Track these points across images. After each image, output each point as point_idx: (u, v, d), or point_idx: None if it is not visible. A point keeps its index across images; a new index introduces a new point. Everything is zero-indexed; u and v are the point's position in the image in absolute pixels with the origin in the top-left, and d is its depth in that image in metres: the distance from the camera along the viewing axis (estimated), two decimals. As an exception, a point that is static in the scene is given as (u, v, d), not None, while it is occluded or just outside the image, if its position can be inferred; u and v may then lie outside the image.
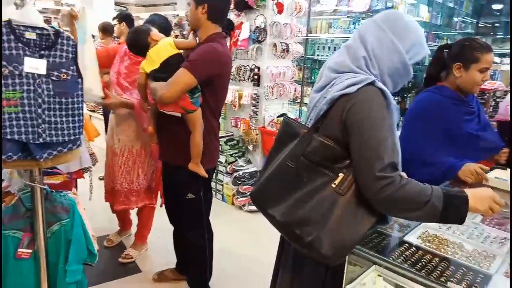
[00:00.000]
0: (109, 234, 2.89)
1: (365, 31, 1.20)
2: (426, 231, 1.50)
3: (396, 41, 1.16)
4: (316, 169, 1.12)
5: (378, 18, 1.22)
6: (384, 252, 1.33)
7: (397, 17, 1.21)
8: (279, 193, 1.16)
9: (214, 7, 1.84)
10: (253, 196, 1.26)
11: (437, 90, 1.86)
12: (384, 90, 1.11)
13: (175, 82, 1.74)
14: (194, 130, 1.84)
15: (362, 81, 1.09)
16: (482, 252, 1.37)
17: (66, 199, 1.48)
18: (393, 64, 1.18)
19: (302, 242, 1.11)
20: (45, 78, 1.26)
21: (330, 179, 1.11)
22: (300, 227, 1.10)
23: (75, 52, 1.33)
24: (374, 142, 1.05)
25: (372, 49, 1.17)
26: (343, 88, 1.10)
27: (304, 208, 1.11)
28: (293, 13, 3.67)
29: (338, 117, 1.11)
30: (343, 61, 1.19)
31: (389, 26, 1.18)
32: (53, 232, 1.46)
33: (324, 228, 1.08)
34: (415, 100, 1.99)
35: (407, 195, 1.04)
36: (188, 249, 2.11)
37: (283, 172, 1.17)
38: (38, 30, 1.26)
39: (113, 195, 2.56)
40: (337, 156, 1.11)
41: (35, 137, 1.26)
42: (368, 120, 1.06)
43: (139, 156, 2.49)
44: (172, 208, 2.17)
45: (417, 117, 1.85)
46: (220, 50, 1.83)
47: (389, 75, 1.19)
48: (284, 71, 3.76)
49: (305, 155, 1.13)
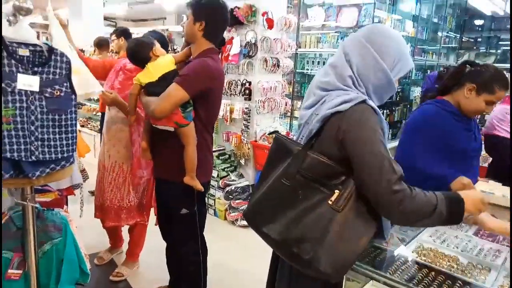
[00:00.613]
0: (100, 252, 2.83)
1: (349, 49, 1.20)
2: (421, 244, 1.51)
3: (379, 59, 1.17)
4: (311, 186, 1.12)
5: (361, 35, 1.21)
6: (380, 267, 1.33)
7: (380, 32, 1.21)
8: (274, 211, 1.16)
9: (211, 25, 1.85)
10: (247, 215, 1.25)
11: (439, 104, 1.86)
12: (375, 109, 1.13)
13: (167, 97, 1.74)
14: (188, 143, 1.84)
15: (354, 99, 1.10)
16: (477, 265, 1.38)
17: (58, 217, 1.45)
18: (379, 81, 1.19)
19: (300, 260, 1.10)
20: (38, 95, 1.25)
21: (326, 196, 1.11)
22: (298, 245, 1.10)
23: (68, 68, 1.32)
24: (381, 159, 1.07)
25: (358, 68, 1.17)
26: (335, 105, 1.11)
27: (300, 225, 1.10)
28: (283, 28, 3.73)
29: (334, 135, 1.12)
30: (330, 81, 1.19)
31: (372, 44, 1.17)
32: (44, 251, 1.42)
33: (322, 245, 1.07)
34: (416, 112, 1.97)
35: (419, 206, 1.08)
36: (181, 265, 2.08)
37: (278, 190, 1.16)
38: (31, 47, 1.24)
39: (103, 212, 2.52)
40: (332, 173, 1.12)
41: (28, 154, 1.23)
42: (370, 140, 1.08)
43: (129, 173, 2.46)
44: (166, 223, 2.14)
45: (417, 129, 1.85)
46: (211, 65, 1.83)
47: (374, 92, 1.20)
48: (275, 86, 3.79)
49: (300, 172, 1.13)
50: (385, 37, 1.20)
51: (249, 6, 3.53)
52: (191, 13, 1.86)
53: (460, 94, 1.83)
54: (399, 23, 5.51)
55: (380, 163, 1.07)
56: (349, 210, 1.10)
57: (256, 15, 3.58)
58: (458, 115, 1.84)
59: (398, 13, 5.54)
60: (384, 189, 1.06)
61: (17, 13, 1.19)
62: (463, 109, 1.83)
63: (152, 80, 1.82)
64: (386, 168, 1.06)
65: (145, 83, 1.84)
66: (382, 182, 1.06)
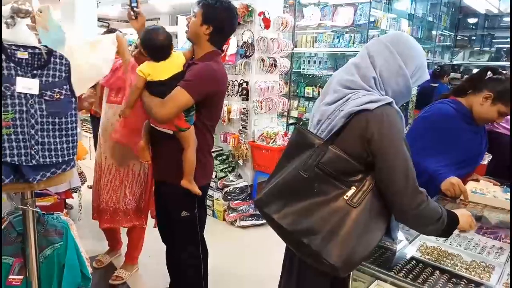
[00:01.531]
0: (98, 255, 2.80)
1: (374, 51, 1.22)
2: (424, 243, 1.51)
3: (403, 65, 1.19)
4: (328, 180, 1.13)
5: (387, 40, 1.23)
6: (385, 266, 1.33)
7: (405, 41, 1.24)
8: (288, 200, 1.16)
9: (219, 30, 1.80)
10: (258, 202, 1.25)
11: (453, 104, 1.86)
12: (400, 113, 1.16)
13: (172, 101, 1.70)
14: (187, 146, 1.81)
15: (380, 100, 1.12)
16: (480, 263, 1.38)
17: (59, 222, 1.43)
18: (399, 87, 1.21)
19: (308, 251, 1.11)
20: (37, 98, 1.23)
21: (342, 191, 1.12)
22: (308, 236, 1.11)
23: (68, 71, 1.30)
24: (408, 163, 1.12)
25: (381, 72, 1.19)
26: (362, 104, 1.12)
27: (312, 217, 1.11)
28: (279, 28, 3.72)
29: (359, 133, 1.13)
30: (354, 80, 1.20)
31: (397, 50, 1.20)
32: (45, 256, 1.40)
33: (335, 238, 1.09)
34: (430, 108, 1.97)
35: (431, 211, 1.16)
36: (182, 269, 2.05)
37: (294, 181, 1.17)
38: (30, 49, 1.23)
39: (99, 213, 2.49)
40: (351, 170, 1.13)
41: (28, 159, 1.21)
42: (398, 142, 1.12)
43: (126, 176, 2.43)
44: (165, 226, 2.12)
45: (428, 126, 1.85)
46: (216, 69, 1.81)
47: (392, 97, 1.20)
48: (272, 85, 3.78)
49: (319, 166, 1.14)
50: (410, 45, 1.23)
51: (246, 6, 3.52)
52: (200, 13, 1.79)
53: (475, 99, 1.83)
54: (394, 22, 5.53)
55: (407, 166, 1.12)
56: (364, 207, 1.12)
57: (252, 15, 3.57)
58: (469, 117, 1.84)
59: (393, 12, 5.56)
60: (409, 190, 1.11)
61: (16, 15, 1.17)
62: (475, 115, 1.83)
63: (163, 78, 1.74)
64: (411, 170, 1.12)
65: (154, 80, 1.74)
66: (409, 183, 1.11)
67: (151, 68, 1.75)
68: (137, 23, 1.83)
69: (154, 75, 1.74)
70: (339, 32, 5.36)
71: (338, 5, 5.14)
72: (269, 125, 3.87)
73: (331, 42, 5.38)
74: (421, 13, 6.55)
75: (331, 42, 5.38)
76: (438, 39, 7.55)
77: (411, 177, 1.12)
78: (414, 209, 1.12)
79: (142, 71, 1.75)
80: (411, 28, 6.03)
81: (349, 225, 1.09)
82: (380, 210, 1.14)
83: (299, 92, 6.07)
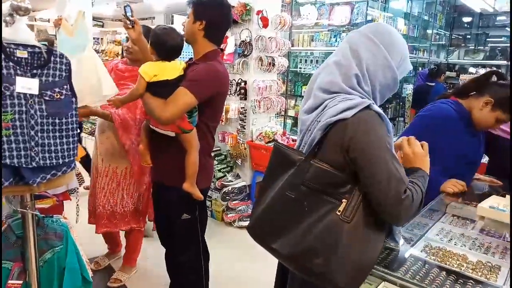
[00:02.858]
0: (97, 257, 2.77)
1: (357, 45, 1.16)
2: (429, 243, 1.50)
3: (389, 57, 1.14)
4: (318, 196, 1.09)
5: (369, 32, 1.18)
6: (391, 267, 1.31)
7: (387, 30, 1.19)
8: (281, 225, 1.12)
9: (212, 24, 1.78)
10: (252, 230, 1.22)
11: (453, 105, 1.85)
12: (381, 114, 1.10)
13: (176, 102, 1.66)
14: (191, 149, 1.78)
15: (357, 105, 1.07)
16: (486, 264, 1.37)
17: (58, 225, 1.40)
18: (386, 80, 1.16)
19: (313, 274, 1.08)
20: (37, 98, 1.20)
21: (333, 206, 1.08)
22: (309, 259, 1.07)
23: (68, 70, 1.27)
24: (389, 169, 1.05)
25: (367, 65, 1.14)
26: (338, 112, 1.07)
27: (310, 239, 1.07)
28: (277, 27, 3.70)
29: (338, 144, 1.08)
30: (333, 80, 1.15)
31: (381, 40, 1.15)
32: (45, 260, 1.37)
33: (335, 258, 1.05)
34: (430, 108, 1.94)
35: (417, 203, 1.10)
36: (183, 271, 2.02)
37: (282, 203, 1.13)
38: (30, 48, 1.19)
39: (95, 218, 2.46)
40: (338, 182, 1.09)
41: (28, 160, 1.18)
42: (377, 149, 1.05)
43: (123, 178, 2.39)
44: (165, 229, 2.07)
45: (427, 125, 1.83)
46: (219, 69, 1.79)
47: (380, 91, 1.18)
48: (271, 85, 3.76)
49: (305, 183, 1.09)
50: (392, 35, 1.18)
51: (244, 5, 3.50)
52: (191, 11, 1.79)
53: (475, 103, 1.81)
54: (391, 21, 5.53)
55: (388, 173, 1.05)
56: (358, 220, 1.07)
57: (250, 14, 3.54)
58: (469, 120, 1.83)
59: (390, 11, 5.57)
60: (392, 199, 1.05)
61: (15, 13, 1.14)
62: (474, 119, 1.82)
63: (171, 77, 1.70)
64: (394, 177, 1.05)
65: (159, 80, 1.68)
66: (391, 192, 1.04)
67: (159, 67, 1.70)
68: (133, 32, 1.82)
69: (162, 75, 1.69)
70: (336, 31, 5.36)
71: (335, 4, 5.14)
72: (267, 125, 3.85)
73: (328, 41, 5.37)
74: (417, 12, 6.57)
75: (328, 41, 5.37)
76: (433, 38, 7.58)
77: (394, 185, 1.04)
78: (403, 215, 1.07)
79: (147, 72, 1.68)
80: (407, 27, 6.05)
81: (346, 241, 1.05)
82: (375, 218, 1.10)
83: (296, 91, 6.06)
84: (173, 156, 1.81)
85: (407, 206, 1.06)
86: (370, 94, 1.16)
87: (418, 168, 1.23)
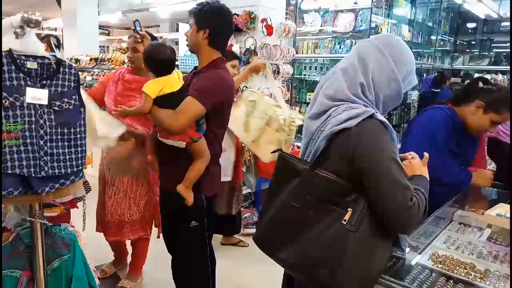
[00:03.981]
0: (103, 264, 2.78)
1: (365, 54, 1.17)
2: (436, 252, 1.49)
3: (396, 70, 1.15)
4: (323, 206, 1.09)
5: (379, 43, 1.19)
6: (398, 276, 1.31)
7: (397, 43, 1.20)
8: (288, 236, 1.12)
9: (216, 33, 1.79)
10: (258, 241, 1.22)
11: (447, 110, 1.87)
12: (385, 122, 1.11)
13: (185, 111, 1.66)
14: (201, 158, 1.78)
15: (361, 114, 1.07)
16: (494, 272, 1.36)
17: (66, 233, 1.41)
18: (390, 92, 1.17)
19: (318, 284, 1.08)
20: (46, 109, 1.22)
21: (339, 215, 1.08)
22: (316, 269, 1.07)
23: (77, 80, 1.29)
24: (395, 176, 1.05)
25: (373, 75, 1.15)
26: (341, 122, 1.08)
27: (316, 248, 1.08)
28: (282, 34, 3.73)
29: (343, 153, 1.09)
30: (339, 87, 1.16)
31: (390, 53, 1.16)
32: (53, 269, 1.38)
33: (342, 268, 1.05)
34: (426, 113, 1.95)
35: (422, 209, 1.09)
36: (189, 279, 2.02)
37: (288, 213, 1.13)
38: (40, 59, 1.22)
39: (104, 226, 2.47)
40: (343, 191, 1.09)
41: (37, 170, 1.20)
42: (381, 158, 1.06)
43: (130, 187, 2.40)
44: (172, 237, 2.06)
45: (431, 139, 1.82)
46: (226, 77, 1.80)
47: (383, 102, 1.18)
48: (276, 92, 3.77)
49: (311, 193, 1.10)
50: (402, 49, 1.20)
51: (248, 13, 3.53)
52: (194, 21, 1.80)
53: (467, 109, 1.83)
54: (395, 27, 5.55)
55: (394, 181, 1.05)
56: (364, 229, 1.07)
57: (255, 22, 3.57)
58: (461, 126, 1.85)
59: (394, 17, 5.59)
60: (399, 207, 1.04)
61: (26, 25, 1.16)
62: (468, 125, 1.84)
63: (176, 88, 1.71)
64: (400, 185, 1.05)
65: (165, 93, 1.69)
66: (398, 200, 1.04)
67: (163, 82, 1.70)
68: (143, 46, 1.85)
69: (167, 88, 1.70)
70: (340, 38, 5.38)
71: (339, 11, 5.17)
72: (272, 132, 3.85)
73: (332, 48, 5.40)
74: (421, 18, 6.58)
75: (332, 48, 5.40)
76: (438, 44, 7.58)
77: (400, 193, 1.04)
78: (411, 223, 1.07)
79: (153, 89, 1.68)
80: (411, 33, 6.06)
81: (353, 250, 1.05)
82: (381, 226, 1.10)
83: (300, 98, 6.08)
84: (181, 164, 1.80)
85: (414, 213, 1.05)
86: (373, 104, 1.17)
87: (419, 175, 1.24)
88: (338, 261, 1.05)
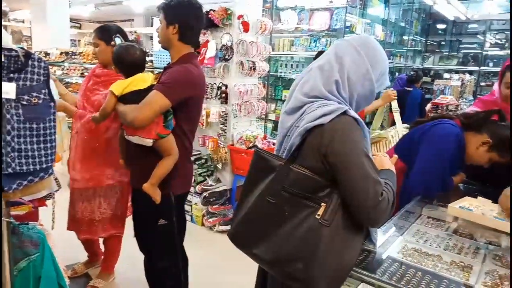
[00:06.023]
0: (75, 264, 2.71)
1: (343, 52, 1.20)
2: (406, 245, 1.54)
3: (370, 69, 1.19)
4: (298, 201, 1.11)
5: (355, 42, 1.22)
6: (369, 269, 1.34)
7: (373, 45, 1.24)
8: (262, 231, 1.14)
9: (185, 27, 1.77)
10: (233, 236, 1.23)
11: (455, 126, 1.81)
12: (358, 119, 1.14)
13: (148, 104, 1.64)
14: (169, 155, 1.76)
15: (334, 110, 1.10)
16: (459, 263, 1.42)
17: (34, 232, 1.37)
18: (364, 91, 1.21)
19: (294, 280, 1.09)
20: (14, 103, 1.17)
21: (313, 210, 1.10)
22: (290, 265, 1.09)
23: (47, 74, 1.25)
24: (367, 171, 1.08)
25: (348, 74, 1.18)
26: (315, 118, 1.10)
27: (290, 243, 1.09)
28: (258, 31, 3.73)
29: (316, 149, 1.11)
30: (314, 84, 1.18)
31: (366, 53, 1.20)
32: (20, 269, 1.33)
33: (315, 262, 1.07)
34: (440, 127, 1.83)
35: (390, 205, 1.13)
36: (161, 278, 1.99)
37: (263, 209, 1.14)
38: (7, 52, 1.17)
39: (75, 223, 2.40)
40: (317, 186, 1.11)
41: (4, 166, 1.15)
42: (353, 153, 1.09)
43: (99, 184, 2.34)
44: (143, 235, 2.04)
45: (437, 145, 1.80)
46: (194, 72, 1.77)
47: (356, 100, 1.21)
48: (251, 89, 3.78)
49: (285, 188, 1.11)
50: (377, 50, 1.23)
51: (225, 9, 3.51)
52: (163, 17, 1.79)
53: (474, 140, 1.76)
54: (369, 27, 5.66)
55: (366, 176, 1.08)
56: (338, 223, 1.10)
57: (231, 18, 3.56)
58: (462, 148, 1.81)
59: (368, 17, 5.70)
60: (371, 201, 1.07)
61: (-9, 16, 1.12)
62: (467, 153, 1.80)
63: (144, 86, 1.71)
64: (371, 180, 1.08)
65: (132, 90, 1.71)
66: (369, 194, 1.07)
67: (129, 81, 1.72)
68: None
69: (132, 86, 1.71)
70: (315, 36, 5.44)
71: (315, 9, 5.22)
72: (248, 128, 3.87)
73: (308, 45, 5.45)
74: (394, 18, 6.74)
75: (308, 45, 5.45)
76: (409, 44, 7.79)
77: (372, 187, 1.07)
78: (381, 216, 1.11)
79: (117, 88, 1.71)
80: (385, 33, 6.20)
81: (326, 245, 1.07)
82: (354, 221, 1.13)
83: (276, 95, 6.11)
84: (149, 160, 1.78)
85: (383, 207, 1.09)
86: (347, 101, 1.20)
87: (388, 169, 1.28)
88: (312, 255, 1.07)
